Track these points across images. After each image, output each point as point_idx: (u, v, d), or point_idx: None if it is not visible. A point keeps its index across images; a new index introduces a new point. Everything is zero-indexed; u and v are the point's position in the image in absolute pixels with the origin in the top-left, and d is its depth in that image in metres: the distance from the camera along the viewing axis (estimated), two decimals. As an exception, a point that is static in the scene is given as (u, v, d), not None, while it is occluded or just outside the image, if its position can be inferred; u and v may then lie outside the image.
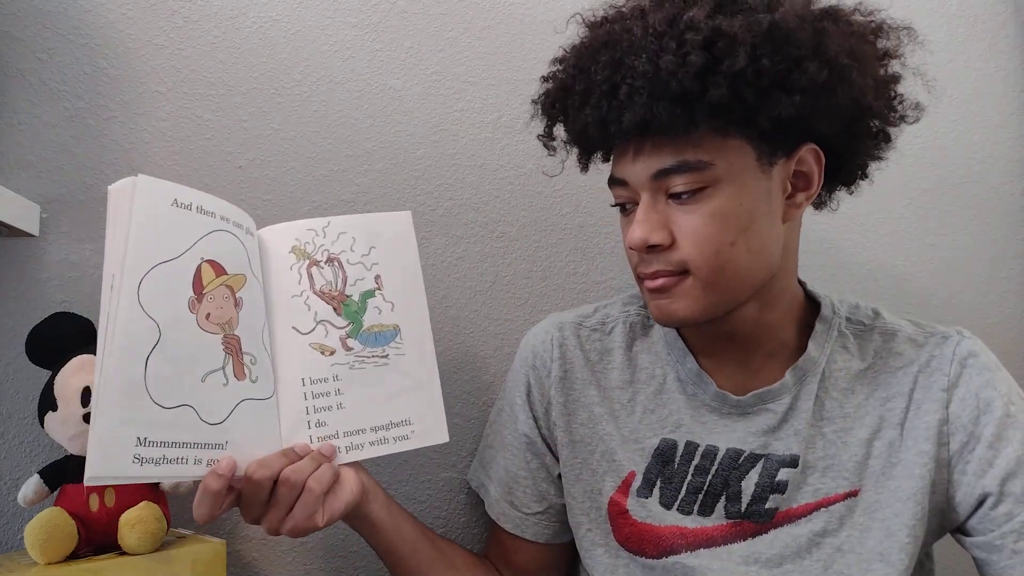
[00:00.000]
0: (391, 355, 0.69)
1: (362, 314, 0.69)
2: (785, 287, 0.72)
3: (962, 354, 0.70)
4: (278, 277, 0.67)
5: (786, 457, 0.71)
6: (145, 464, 0.54)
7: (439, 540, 0.79)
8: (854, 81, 0.61)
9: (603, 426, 0.77)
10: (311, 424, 0.65)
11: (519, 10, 0.98)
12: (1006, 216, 1.18)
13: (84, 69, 0.80)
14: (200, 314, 0.59)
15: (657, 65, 0.59)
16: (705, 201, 0.63)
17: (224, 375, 0.60)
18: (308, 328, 0.67)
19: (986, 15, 1.19)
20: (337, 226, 0.70)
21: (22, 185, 0.77)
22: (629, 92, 0.61)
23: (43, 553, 0.62)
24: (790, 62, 0.59)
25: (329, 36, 0.89)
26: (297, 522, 0.60)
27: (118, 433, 0.53)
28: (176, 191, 0.60)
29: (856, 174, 0.73)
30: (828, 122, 0.62)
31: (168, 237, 0.58)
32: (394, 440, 0.68)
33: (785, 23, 0.59)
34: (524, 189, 0.96)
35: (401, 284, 0.71)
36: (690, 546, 0.71)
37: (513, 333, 0.94)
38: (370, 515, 0.69)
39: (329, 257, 0.69)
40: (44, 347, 0.70)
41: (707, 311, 0.67)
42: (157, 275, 0.57)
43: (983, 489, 0.66)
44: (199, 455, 0.57)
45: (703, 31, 0.59)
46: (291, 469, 0.60)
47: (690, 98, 0.59)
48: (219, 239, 0.62)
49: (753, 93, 0.59)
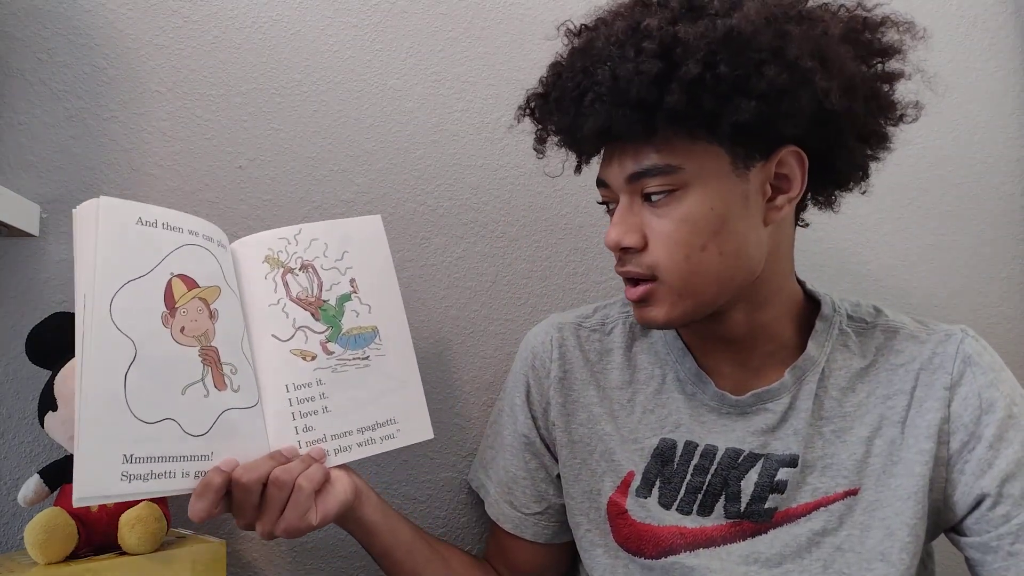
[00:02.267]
0: (372, 356, 0.70)
1: (340, 318, 0.70)
2: (777, 288, 0.72)
3: (965, 352, 0.70)
4: (253, 287, 0.68)
5: (785, 457, 0.71)
6: (133, 481, 0.54)
7: (435, 542, 0.79)
8: (817, 83, 0.60)
9: (602, 426, 0.77)
10: (298, 429, 0.65)
11: (519, 10, 0.98)
12: (1006, 216, 1.18)
13: (84, 69, 0.80)
14: (174, 328, 0.60)
15: (616, 73, 0.60)
16: (675, 204, 0.64)
17: (204, 386, 0.60)
18: (288, 335, 0.67)
19: (986, 15, 1.19)
20: (308, 233, 0.71)
21: (22, 185, 0.77)
22: (592, 100, 0.62)
23: (43, 553, 0.62)
24: (749, 67, 0.59)
25: (329, 36, 0.89)
26: (290, 522, 0.61)
27: (104, 451, 0.54)
28: (140, 210, 0.60)
29: (853, 175, 0.72)
30: (792, 124, 0.62)
31: (135, 255, 0.59)
32: (381, 440, 0.69)
33: (743, 28, 0.59)
34: (524, 189, 0.97)
35: (376, 286, 0.73)
36: (689, 546, 0.71)
37: (513, 333, 0.94)
38: (364, 517, 0.70)
39: (303, 264, 0.70)
40: (44, 347, 0.70)
41: (685, 316, 0.67)
42: (128, 293, 0.58)
43: (981, 489, 0.66)
44: (186, 468, 0.58)
45: (659, 38, 0.60)
46: (281, 469, 0.61)
47: (648, 105, 0.60)
48: (188, 253, 0.63)
49: (712, 99, 0.59)
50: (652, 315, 0.68)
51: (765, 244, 0.68)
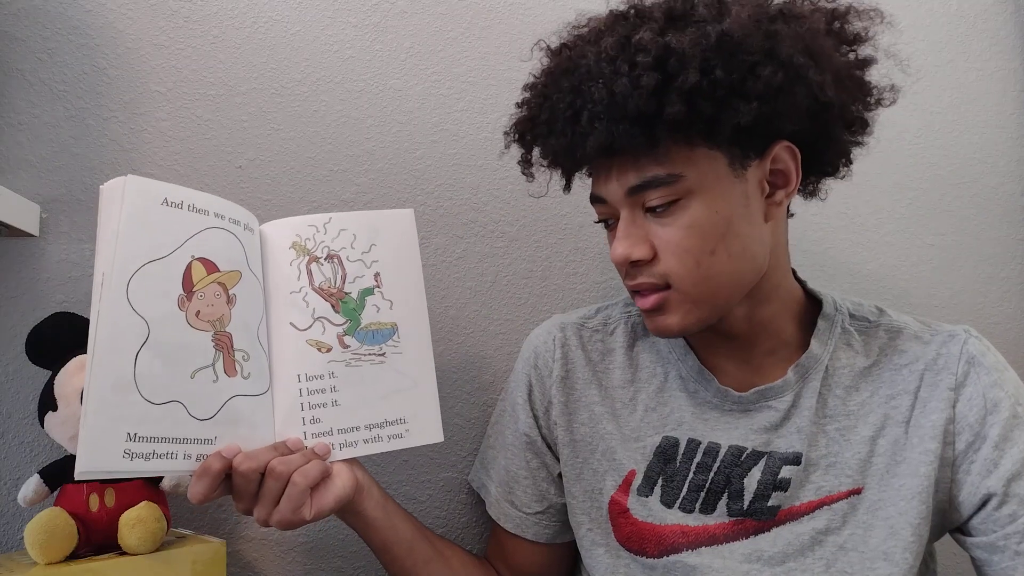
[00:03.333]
0: (388, 353, 0.69)
1: (360, 312, 0.69)
2: (777, 284, 0.72)
3: (969, 353, 0.70)
4: (277, 272, 0.67)
5: (789, 454, 0.71)
6: (135, 459, 0.55)
7: (437, 540, 0.79)
8: (811, 79, 0.61)
9: (604, 425, 0.77)
10: (305, 420, 0.65)
11: (519, 10, 0.98)
12: (1006, 216, 1.18)
13: (84, 69, 0.80)
14: (190, 312, 0.60)
15: (612, 90, 0.60)
16: (680, 213, 0.64)
17: (214, 371, 0.60)
18: (305, 324, 0.67)
19: (986, 15, 1.19)
20: (338, 222, 0.70)
21: (22, 185, 0.77)
22: (590, 118, 0.62)
23: (43, 553, 0.62)
24: (744, 70, 0.60)
25: (329, 36, 0.89)
26: (283, 515, 0.61)
27: (108, 428, 0.54)
28: (167, 190, 0.60)
29: (838, 162, 0.73)
30: (792, 121, 0.63)
31: (157, 235, 0.59)
32: (388, 439, 0.69)
33: (734, 32, 0.59)
34: (524, 189, 0.96)
35: (400, 282, 0.71)
36: (691, 544, 0.71)
37: (513, 333, 0.94)
38: (364, 512, 0.69)
39: (329, 254, 0.69)
40: (44, 347, 0.70)
41: (700, 321, 0.68)
42: (146, 273, 0.57)
43: (987, 489, 0.66)
44: (188, 450, 0.58)
45: (653, 51, 0.60)
46: (279, 460, 0.61)
47: (648, 117, 0.60)
48: (212, 236, 0.62)
49: (711, 105, 0.60)
50: (667, 324, 0.68)
51: (768, 241, 0.68)
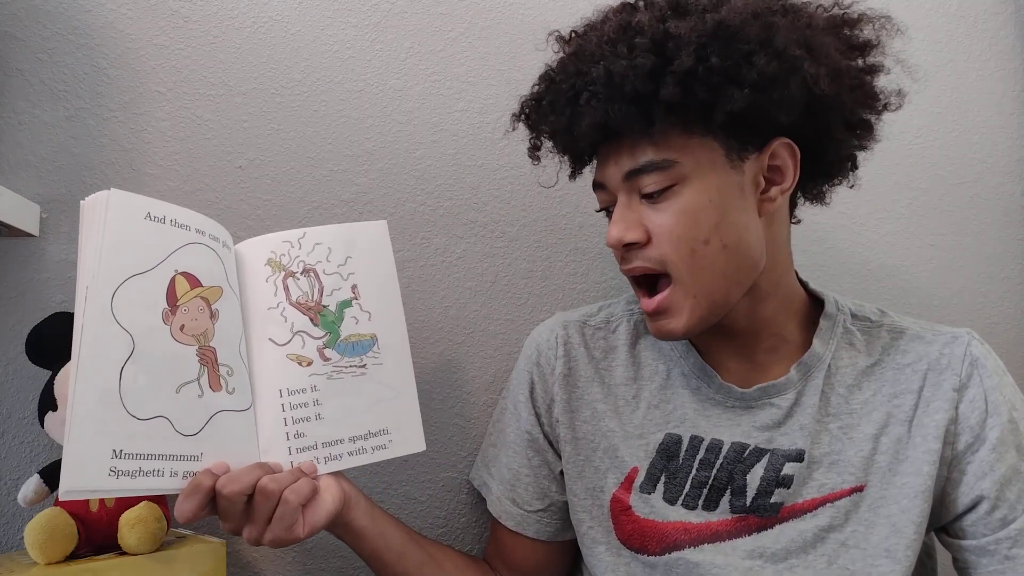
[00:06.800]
0: (369, 364, 0.70)
1: (339, 324, 0.69)
2: (777, 281, 0.73)
3: (973, 355, 0.71)
4: (254, 289, 0.68)
5: (791, 452, 0.71)
6: (121, 477, 0.54)
7: (428, 544, 0.78)
8: (806, 71, 0.62)
9: (606, 423, 0.77)
10: (289, 435, 0.65)
11: (519, 10, 0.98)
12: (1006, 216, 1.18)
13: (84, 69, 0.80)
14: (174, 325, 0.59)
15: (610, 70, 0.62)
16: (674, 199, 0.66)
17: (199, 386, 0.60)
18: (285, 339, 0.67)
19: (986, 15, 1.19)
20: (313, 237, 0.70)
21: (22, 185, 0.77)
22: (588, 97, 0.64)
23: (43, 553, 0.61)
24: (739, 57, 0.61)
25: (329, 36, 0.89)
26: (276, 534, 0.61)
27: (93, 445, 0.53)
28: (149, 205, 0.60)
29: (842, 166, 0.74)
30: (785, 112, 0.63)
31: (141, 249, 0.59)
32: (372, 450, 0.69)
33: (731, 20, 0.61)
34: (524, 189, 0.96)
35: (378, 293, 0.72)
36: (694, 541, 0.71)
37: (513, 333, 0.94)
38: (353, 523, 0.69)
39: (305, 268, 0.69)
40: (44, 347, 0.70)
41: (702, 321, 0.68)
42: (130, 287, 0.57)
43: (981, 491, 0.67)
44: (175, 467, 0.57)
45: (651, 34, 0.62)
46: (269, 479, 0.60)
47: (644, 98, 0.62)
48: (194, 251, 0.62)
49: (705, 90, 0.61)
50: (671, 326, 0.68)
51: (763, 236, 0.69)
